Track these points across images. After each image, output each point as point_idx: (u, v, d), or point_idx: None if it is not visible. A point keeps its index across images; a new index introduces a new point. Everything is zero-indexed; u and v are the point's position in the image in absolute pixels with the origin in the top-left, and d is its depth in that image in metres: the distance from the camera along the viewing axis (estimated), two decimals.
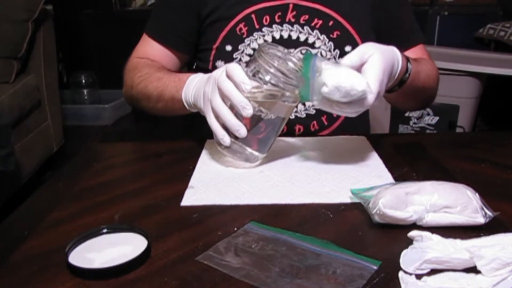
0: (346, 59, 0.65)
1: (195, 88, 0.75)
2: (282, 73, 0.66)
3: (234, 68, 0.65)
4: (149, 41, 0.97)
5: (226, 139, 0.68)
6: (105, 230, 0.55)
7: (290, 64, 0.67)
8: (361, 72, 0.65)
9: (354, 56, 0.65)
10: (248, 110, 0.65)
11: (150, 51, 0.96)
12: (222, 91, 0.66)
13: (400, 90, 0.79)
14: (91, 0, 3.44)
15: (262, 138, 0.72)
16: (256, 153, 0.73)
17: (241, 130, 0.67)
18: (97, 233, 0.55)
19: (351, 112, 0.66)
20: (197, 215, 0.60)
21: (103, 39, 3.41)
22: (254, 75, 0.67)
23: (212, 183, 0.69)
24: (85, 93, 3.27)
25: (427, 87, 0.90)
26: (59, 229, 0.59)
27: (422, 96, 0.94)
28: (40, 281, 0.48)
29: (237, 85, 0.65)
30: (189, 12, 0.93)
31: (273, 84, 0.66)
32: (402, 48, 0.95)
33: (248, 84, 0.64)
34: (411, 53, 0.96)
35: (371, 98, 0.64)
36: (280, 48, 0.70)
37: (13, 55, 2.08)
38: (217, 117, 0.69)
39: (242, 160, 0.73)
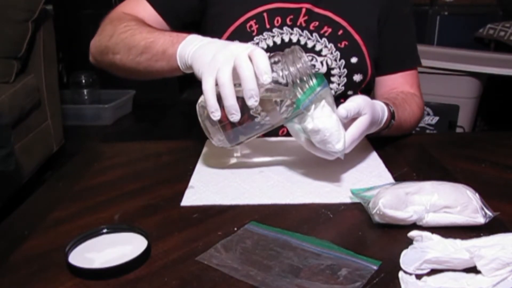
0: (344, 110, 0.64)
1: (197, 47, 0.68)
2: (299, 77, 0.64)
3: (262, 55, 0.61)
4: (142, 2, 0.89)
5: (217, 114, 0.63)
6: (105, 230, 0.55)
7: (308, 79, 0.64)
8: (345, 125, 0.66)
9: (352, 110, 0.65)
10: (255, 102, 0.61)
11: (141, 12, 0.89)
12: (239, 69, 0.61)
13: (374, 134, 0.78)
14: (91, 0, 3.44)
15: (240, 130, 0.68)
16: (225, 140, 0.69)
17: (236, 116, 0.62)
18: (97, 233, 0.55)
19: (313, 152, 0.67)
20: (197, 215, 0.60)
21: None
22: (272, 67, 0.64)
23: (212, 183, 0.69)
24: (85, 93, 3.28)
25: (402, 131, 0.88)
26: (59, 229, 0.59)
27: (403, 132, 0.91)
28: (40, 281, 0.48)
29: (258, 71, 0.60)
30: None
31: (283, 84, 0.64)
32: (394, 69, 0.96)
33: (270, 77, 0.60)
34: (401, 77, 0.96)
35: (336, 155, 0.65)
36: (309, 61, 0.67)
37: (13, 55, 2.08)
38: (217, 88, 0.63)
39: (208, 135, 0.69)
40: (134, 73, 0.82)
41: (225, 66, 0.62)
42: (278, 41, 0.88)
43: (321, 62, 0.89)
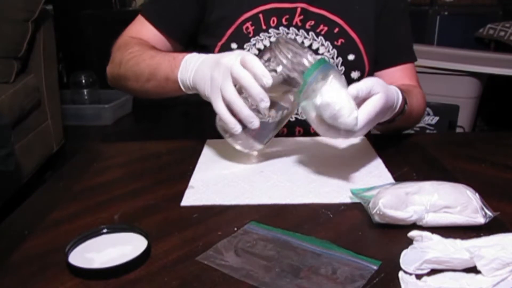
0: (354, 89, 0.62)
1: (194, 70, 0.71)
2: (295, 67, 0.65)
3: (253, 59, 0.63)
4: (144, 23, 0.92)
5: (238, 128, 0.66)
6: (105, 230, 0.55)
7: (305, 60, 0.65)
8: (359, 105, 0.63)
9: (363, 88, 0.62)
10: (266, 103, 0.63)
11: (144, 33, 0.92)
12: (239, 80, 0.63)
13: (387, 125, 0.78)
14: (91, 0, 3.44)
15: (264, 131, 0.72)
16: (257, 144, 0.73)
17: (255, 122, 0.65)
18: (97, 233, 0.55)
19: (324, 133, 0.64)
20: (197, 215, 0.60)
21: (103, 39, 3.40)
22: (265, 65, 0.66)
23: (212, 183, 0.69)
24: (85, 93, 3.27)
25: (412, 122, 0.91)
26: (59, 229, 0.59)
27: (404, 128, 0.94)
28: (40, 281, 0.48)
29: (256, 77, 0.63)
30: (194, 2, 0.90)
31: (285, 78, 0.66)
32: (393, 63, 0.96)
33: (270, 78, 0.62)
34: (400, 70, 0.96)
35: (350, 134, 0.62)
36: (297, 43, 0.68)
37: (13, 55, 2.08)
38: (227, 105, 0.66)
39: (242, 147, 0.74)
40: (149, 97, 0.87)
41: (225, 83, 0.65)
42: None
43: None
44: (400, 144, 0.86)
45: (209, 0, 0.89)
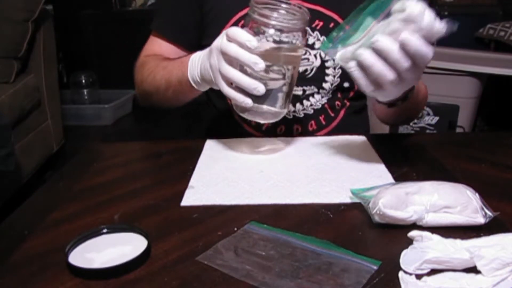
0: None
1: (199, 65, 0.74)
2: (283, 22, 0.66)
3: (235, 30, 0.65)
4: (156, 40, 0.97)
5: (248, 101, 0.67)
6: (105, 230, 0.55)
7: (284, 10, 0.67)
8: None
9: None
10: (260, 65, 0.64)
11: (157, 48, 0.97)
12: (228, 54, 0.65)
13: (401, 105, 0.78)
14: (91, 0, 3.44)
15: (279, 94, 0.71)
16: (279, 109, 0.72)
17: (259, 87, 0.66)
18: (97, 233, 0.55)
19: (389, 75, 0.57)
20: (197, 215, 0.60)
21: (103, 39, 3.41)
22: (255, 33, 0.67)
23: (212, 183, 0.69)
24: (85, 93, 3.28)
25: (420, 105, 0.92)
26: (59, 229, 0.59)
27: (413, 113, 0.96)
28: (40, 281, 0.48)
29: (242, 45, 0.64)
30: (193, 6, 0.92)
31: (275, 40, 0.67)
32: None
33: (254, 40, 0.64)
34: None
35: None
36: None
37: (13, 55, 2.08)
38: (230, 83, 0.68)
39: (266, 120, 0.75)
40: (173, 105, 0.91)
41: (220, 64, 0.67)
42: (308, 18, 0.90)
43: (315, 55, 0.91)
44: (400, 144, 0.86)
45: (205, 2, 0.91)
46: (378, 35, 0.56)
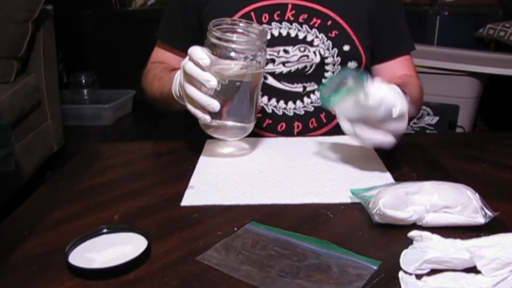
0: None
1: (176, 81, 0.77)
2: (241, 42, 0.69)
3: (193, 49, 0.68)
4: (160, 50, 1.01)
5: (206, 117, 0.70)
6: (105, 230, 0.55)
7: (241, 30, 0.71)
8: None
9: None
10: (211, 82, 0.66)
11: (161, 57, 1.00)
12: (187, 73, 0.68)
13: None
14: (91, 0, 3.44)
15: (243, 108, 0.73)
16: (245, 124, 0.74)
17: (213, 104, 0.68)
18: (97, 233, 0.55)
19: (368, 135, 0.66)
20: (197, 215, 0.60)
21: (103, 39, 3.41)
22: (218, 55, 0.70)
23: (212, 183, 0.69)
24: (85, 93, 3.27)
25: (414, 111, 0.92)
26: (59, 229, 0.59)
27: (413, 112, 0.96)
28: (40, 281, 0.48)
29: (196, 64, 0.67)
30: (191, 11, 0.94)
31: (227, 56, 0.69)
32: (390, 55, 0.97)
33: (206, 59, 0.66)
34: (397, 62, 0.98)
35: (402, 125, 0.65)
36: (224, 21, 0.73)
37: (13, 55, 2.08)
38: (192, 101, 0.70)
39: (234, 137, 0.76)
40: (173, 111, 0.91)
41: (182, 81, 0.70)
42: (268, 36, 0.90)
43: (314, 52, 0.91)
44: (400, 144, 0.86)
45: (202, 4, 0.93)
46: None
